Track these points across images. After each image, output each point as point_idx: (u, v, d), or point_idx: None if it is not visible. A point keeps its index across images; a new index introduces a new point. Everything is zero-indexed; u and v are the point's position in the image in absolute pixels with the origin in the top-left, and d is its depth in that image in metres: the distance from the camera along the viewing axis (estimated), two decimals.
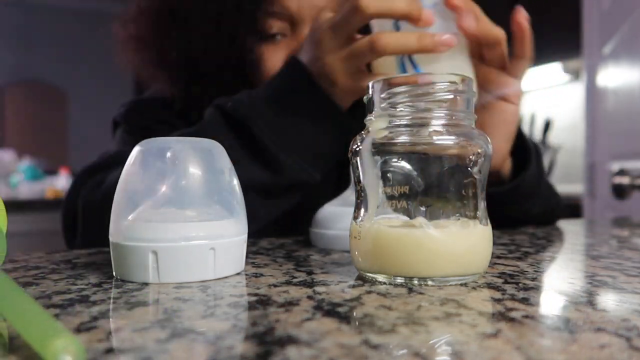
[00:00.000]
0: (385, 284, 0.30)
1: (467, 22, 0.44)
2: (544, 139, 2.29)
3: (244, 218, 0.35)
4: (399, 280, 0.29)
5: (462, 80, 0.30)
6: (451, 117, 0.30)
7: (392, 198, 0.30)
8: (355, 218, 0.33)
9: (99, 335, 0.21)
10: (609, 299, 0.26)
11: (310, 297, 0.26)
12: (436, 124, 0.30)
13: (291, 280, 0.31)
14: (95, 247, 0.45)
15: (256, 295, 0.27)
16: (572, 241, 0.48)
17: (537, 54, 0.50)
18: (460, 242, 0.29)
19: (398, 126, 0.30)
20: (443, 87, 0.30)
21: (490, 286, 0.29)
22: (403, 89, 0.30)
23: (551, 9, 2.08)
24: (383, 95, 0.31)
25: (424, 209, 0.30)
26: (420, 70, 0.44)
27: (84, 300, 0.26)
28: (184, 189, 0.32)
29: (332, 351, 0.18)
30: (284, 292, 0.28)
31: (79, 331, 0.21)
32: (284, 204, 0.53)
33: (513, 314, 0.23)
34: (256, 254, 0.42)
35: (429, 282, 0.29)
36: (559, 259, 0.38)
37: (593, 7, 1.49)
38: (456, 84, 0.30)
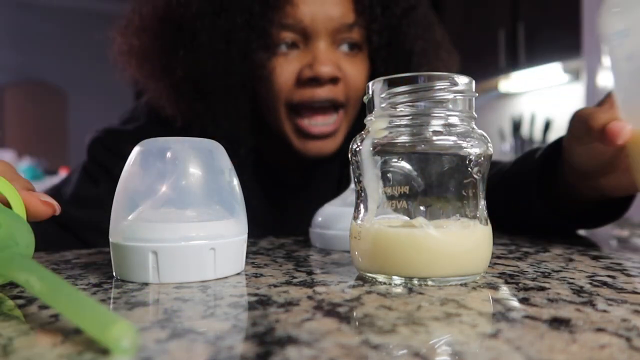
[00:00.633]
0: (385, 284, 0.30)
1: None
2: (544, 139, 2.29)
3: (244, 218, 0.35)
4: (399, 280, 0.29)
5: (462, 80, 0.30)
6: (451, 117, 0.30)
7: (392, 198, 0.30)
8: (355, 218, 0.33)
9: None
10: (609, 299, 0.26)
11: (310, 297, 0.26)
12: (436, 124, 0.30)
13: (291, 281, 0.31)
14: None
15: (256, 295, 0.27)
16: (572, 241, 0.48)
17: (537, 54, 0.50)
18: (460, 242, 0.29)
19: (398, 126, 0.30)
20: (443, 87, 0.30)
21: (490, 286, 0.29)
22: (403, 89, 0.30)
23: (551, 9, 2.08)
24: (383, 95, 0.31)
25: (424, 209, 0.30)
26: None
27: None
28: (184, 189, 0.32)
29: (332, 351, 0.18)
30: (284, 292, 0.28)
31: (79, 331, 0.21)
32: None
33: (513, 314, 0.23)
34: (256, 254, 0.42)
35: (429, 282, 0.29)
36: (559, 259, 0.38)
37: (593, 7, 1.49)
38: (456, 84, 0.30)
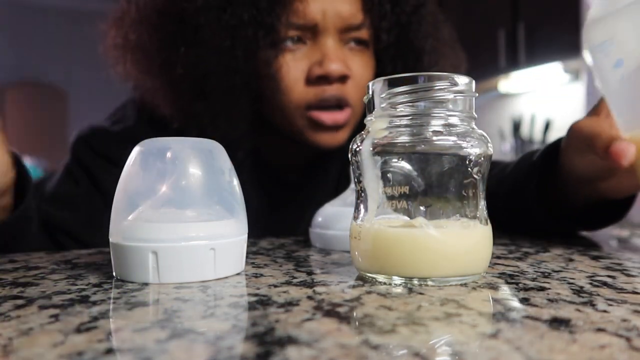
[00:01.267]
0: (385, 284, 0.30)
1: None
2: (544, 139, 2.29)
3: (244, 218, 0.35)
4: (399, 280, 0.29)
5: (462, 80, 0.30)
6: (451, 118, 0.30)
7: (392, 198, 0.30)
8: (355, 218, 0.33)
9: (99, 335, 0.21)
10: (609, 299, 0.26)
11: (310, 297, 0.26)
12: (436, 124, 0.30)
13: (291, 281, 0.31)
14: None
15: (256, 295, 0.27)
16: (572, 241, 0.48)
17: (537, 54, 0.50)
18: (460, 242, 0.29)
19: (398, 126, 0.30)
20: (443, 87, 0.30)
21: (490, 286, 0.29)
22: (403, 89, 0.30)
23: (551, 9, 2.08)
24: (383, 95, 0.31)
25: (424, 209, 0.30)
26: None
27: (84, 301, 0.26)
28: (184, 189, 0.32)
29: (332, 351, 0.18)
30: (284, 292, 0.28)
31: (79, 331, 0.21)
32: None
33: (513, 314, 0.23)
34: (256, 254, 0.42)
35: (429, 282, 0.29)
36: (559, 259, 0.38)
37: None
38: (456, 84, 0.30)
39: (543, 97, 2.50)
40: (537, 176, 0.50)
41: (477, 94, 0.31)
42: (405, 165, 0.30)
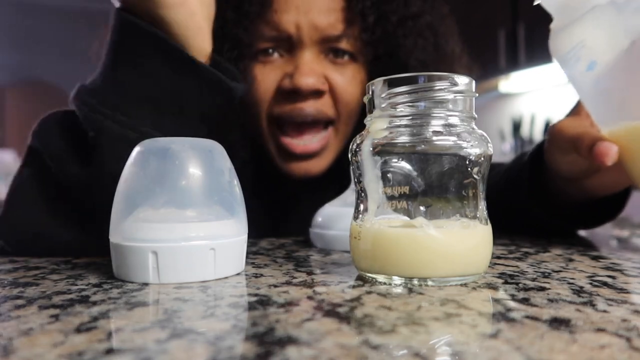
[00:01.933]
0: (385, 284, 0.30)
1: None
2: (544, 139, 2.29)
3: (244, 218, 0.35)
4: (399, 280, 0.29)
5: (462, 80, 0.30)
6: (451, 118, 0.30)
7: (392, 198, 0.30)
8: (355, 218, 0.33)
9: (99, 335, 0.21)
10: (609, 299, 0.26)
11: (310, 298, 0.26)
12: (436, 124, 0.30)
13: (291, 281, 0.31)
14: None
15: (256, 295, 0.27)
16: (572, 241, 0.48)
17: (537, 54, 0.50)
18: (460, 242, 0.29)
19: (398, 126, 0.30)
20: (443, 87, 0.30)
21: (490, 286, 0.29)
22: (403, 89, 0.30)
23: None
24: (383, 95, 0.31)
25: (424, 209, 0.30)
26: None
27: (84, 301, 0.26)
28: (184, 189, 0.32)
29: (332, 351, 0.18)
30: (284, 292, 0.28)
31: (79, 331, 0.21)
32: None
33: (513, 314, 0.23)
34: (256, 254, 0.42)
35: (429, 283, 0.29)
36: (559, 259, 0.38)
37: None
38: (456, 84, 0.30)
39: (543, 97, 2.50)
40: (528, 174, 0.51)
41: (477, 94, 0.31)
42: (405, 166, 0.30)
